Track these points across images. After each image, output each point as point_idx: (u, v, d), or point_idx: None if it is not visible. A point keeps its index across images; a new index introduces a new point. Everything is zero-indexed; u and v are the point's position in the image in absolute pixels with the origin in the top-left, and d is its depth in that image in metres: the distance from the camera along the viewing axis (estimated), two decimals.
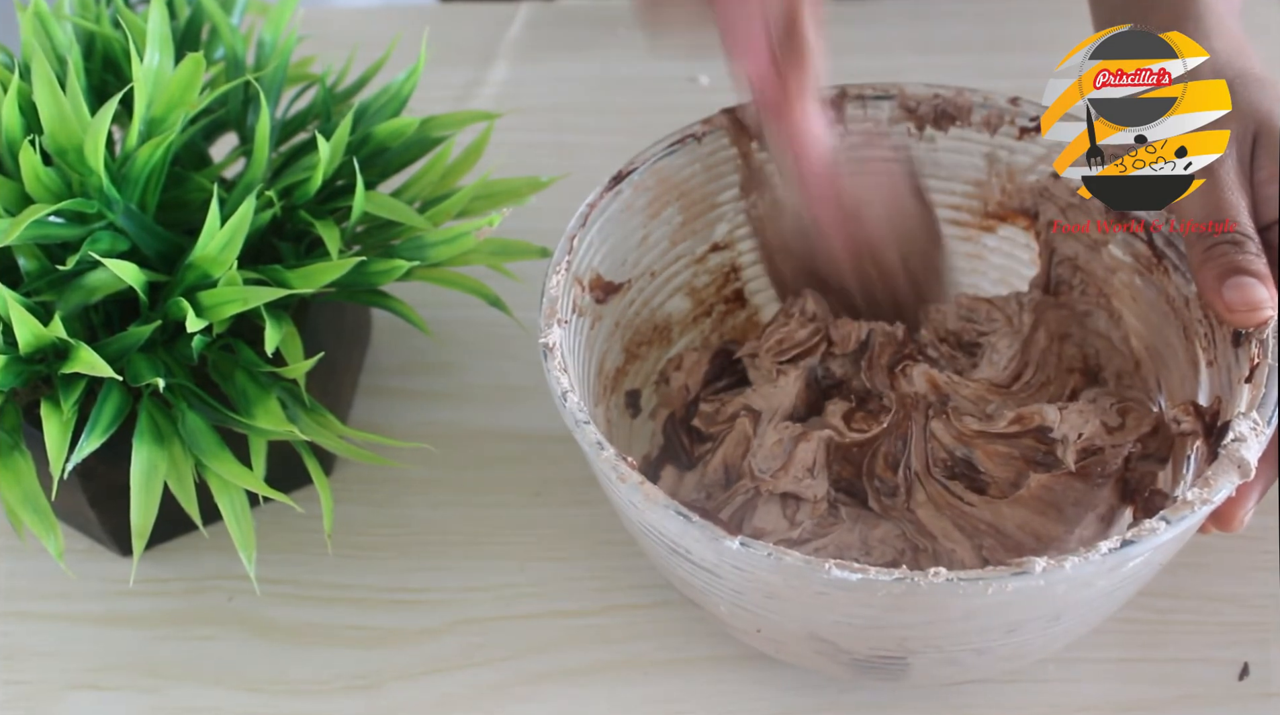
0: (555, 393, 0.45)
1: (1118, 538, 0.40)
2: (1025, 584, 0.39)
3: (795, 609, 0.44)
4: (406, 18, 0.89)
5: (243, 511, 0.49)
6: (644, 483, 0.42)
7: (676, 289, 0.57)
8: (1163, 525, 0.40)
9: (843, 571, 0.39)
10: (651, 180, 0.53)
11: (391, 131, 0.56)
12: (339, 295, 0.54)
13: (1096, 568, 0.40)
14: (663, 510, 0.42)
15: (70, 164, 0.49)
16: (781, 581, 0.41)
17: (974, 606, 0.41)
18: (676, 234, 0.56)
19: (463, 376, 0.63)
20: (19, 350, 0.47)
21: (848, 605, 0.42)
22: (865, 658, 0.45)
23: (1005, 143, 0.55)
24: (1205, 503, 0.41)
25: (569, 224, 0.51)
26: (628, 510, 0.45)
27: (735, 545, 0.40)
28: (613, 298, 0.53)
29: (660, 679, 0.51)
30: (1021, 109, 0.54)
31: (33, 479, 0.48)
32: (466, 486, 0.58)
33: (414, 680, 0.52)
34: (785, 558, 0.40)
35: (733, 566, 0.42)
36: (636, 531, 0.47)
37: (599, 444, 0.44)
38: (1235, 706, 0.49)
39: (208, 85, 0.58)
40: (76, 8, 0.57)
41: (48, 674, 0.52)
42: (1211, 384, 0.49)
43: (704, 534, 0.41)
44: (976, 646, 0.45)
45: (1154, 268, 0.51)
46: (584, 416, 0.44)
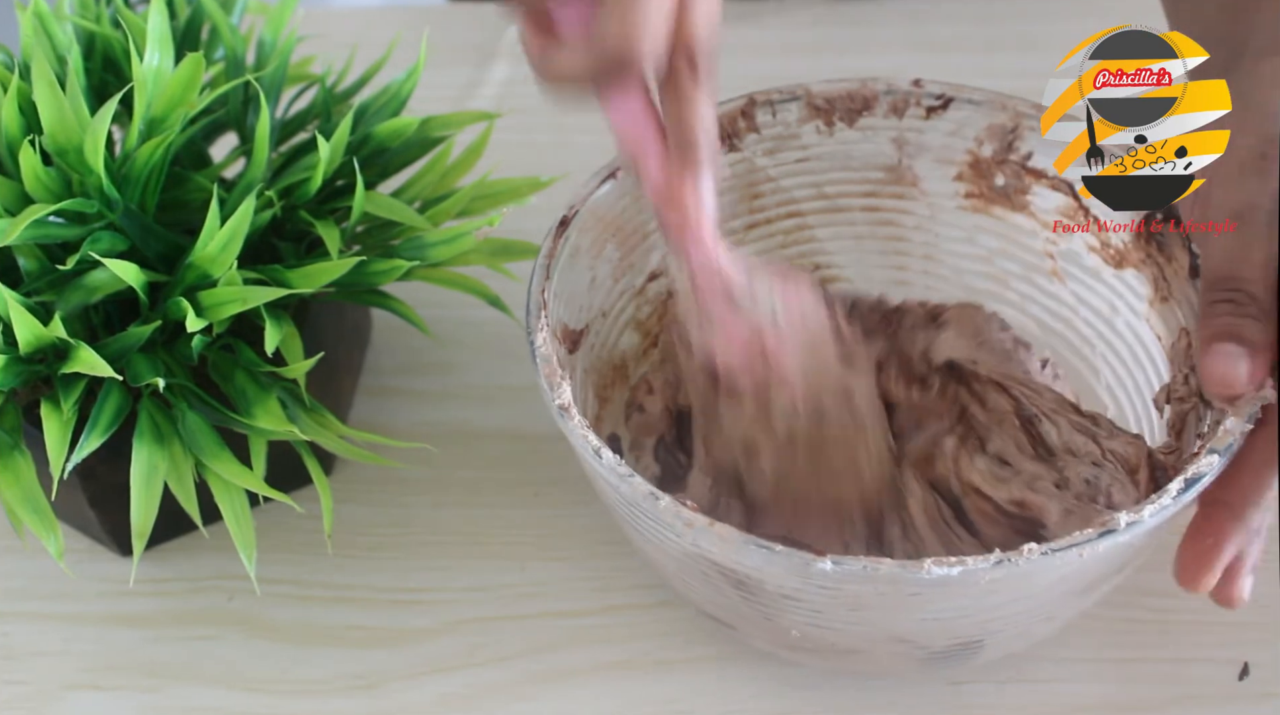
0: (586, 452, 0.43)
1: (1181, 478, 0.41)
2: (1113, 541, 0.40)
3: (880, 615, 0.43)
4: (406, 18, 0.89)
5: (243, 511, 0.49)
6: (713, 523, 0.41)
7: (625, 325, 0.56)
8: (1214, 457, 0.41)
9: (941, 568, 0.39)
10: (591, 220, 0.52)
11: (391, 131, 0.56)
12: (339, 295, 0.54)
13: (1169, 512, 0.41)
14: (742, 546, 0.40)
15: (70, 164, 0.49)
16: (873, 591, 0.40)
17: (1064, 573, 0.41)
18: (617, 270, 0.55)
19: (463, 376, 0.63)
20: (19, 350, 0.47)
21: (940, 599, 0.41)
22: (944, 649, 0.45)
23: (914, 124, 0.55)
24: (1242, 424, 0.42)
25: (533, 281, 0.49)
26: (682, 556, 0.43)
27: (828, 566, 0.39)
28: (579, 346, 0.53)
29: (660, 679, 0.51)
30: (925, 89, 0.54)
31: (33, 479, 0.48)
32: (466, 486, 0.58)
33: (414, 680, 0.52)
34: (880, 567, 0.39)
35: (819, 588, 0.41)
36: (681, 572, 0.45)
37: (653, 495, 0.41)
38: (1235, 706, 0.49)
39: (208, 85, 0.58)
40: (76, 8, 0.57)
41: (48, 674, 0.52)
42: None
43: (790, 562, 0.40)
44: (1049, 614, 0.45)
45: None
46: (626, 471, 0.42)
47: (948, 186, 0.57)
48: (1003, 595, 0.42)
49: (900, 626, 0.44)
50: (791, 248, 0.59)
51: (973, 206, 0.57)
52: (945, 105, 0.54)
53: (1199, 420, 0.47)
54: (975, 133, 0.55)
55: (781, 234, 0.58)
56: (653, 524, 0.43)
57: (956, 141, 0.55)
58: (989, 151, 0.55)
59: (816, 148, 0.56)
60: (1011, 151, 0.54)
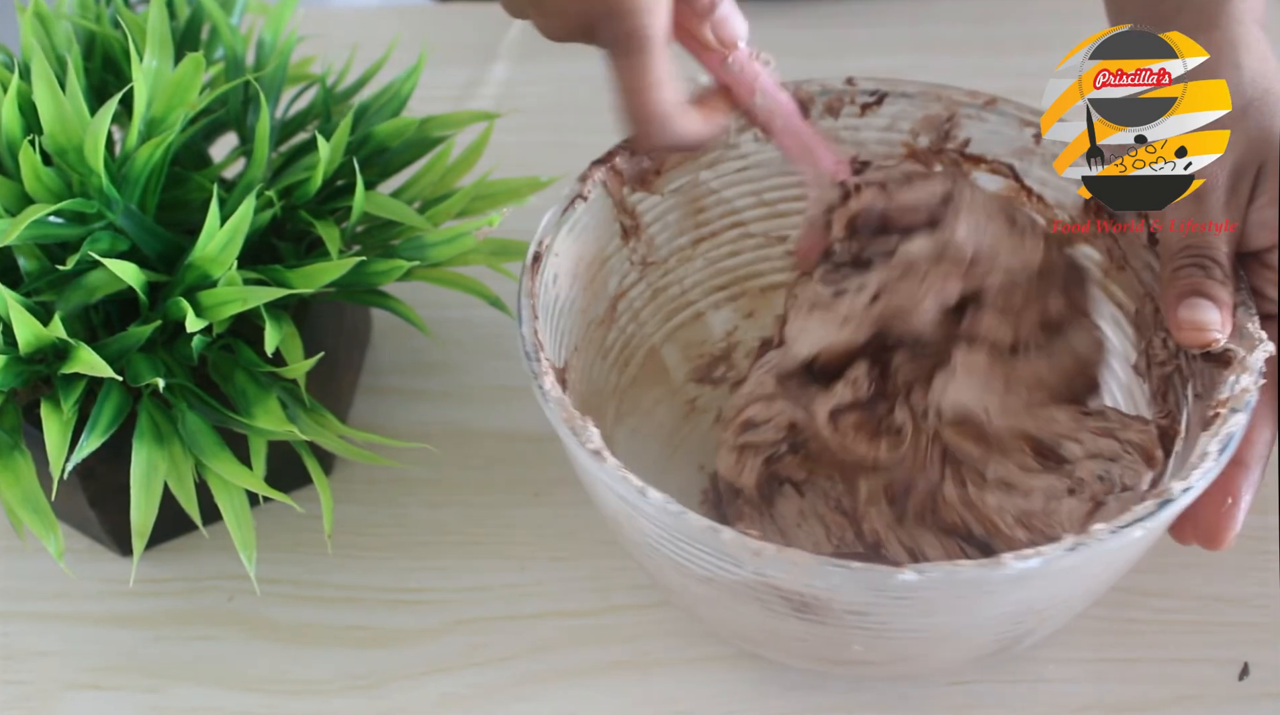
0: (629, 495, 0.41)
1: (1215, 440, 0.41)
2: (1172, 510, 0.40)
3: (949, 618, 0.42)
4: (406, 18, 0.89)
5: (243, 511, 0.49)
6: (782, 549, 0.39)
7: (595, 356, 0.55)
8: (1239, 416, 0.42)
9: (1021, 562, 0.38)
10: (555, 252, 0.51)
11: (391, 131, 0.56)
12: (339, 295, 0.54)
13: (1214, 473, 0.41)
14: (818, 568, 0.39)
15: (70, 164, 0.49)
16: (951, 595, 0.40)
17: (1129, 552, 0.41)
18: (581, 300, 0.53)
19: (463, 376, 0.63)
20: (19, 350, 0.47)
21: (1012, 592, 0.41)
22: (999, 641, 0.45)
23: (849, 122, 0.55)
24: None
25: (522, 323, 0.47)
26: (737, 586, 0.42)
27: (912, 577, 0.38)
28: (566, 384, 0.51)
29: (660, 679, 0.51)
30: (859, 87, 0.55)
31: (33, 479, 0.48)
32: (466, 486, 0.58)
33: (414, 680, 0.52)
34: (959, 571, 0.39)
35: (893, 599, 0.40)
36: (728, 603, 0.44)
37: (713, 529, 0.40)
38: (1235, 706, 0.49)
39: (208, 85, 0.58)
40: (76, 8, 0.57)
41: (48, 674, 0.52)
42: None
43: (869, 577, 0.39)
44: (1096, 594, 0.45)
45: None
46: (677, 508, 0.41)
47: None
48: (1065, 582, 0.42)
49: (966, 625, 0.43)
50: (737, 256, 0.59)
51: None
52: (879, 101, 0.55)
53: (1183, 382, 0.48)
54: (910, 125, 0.55)
55: (728, 244, 0.58)
56: (711, 557, 0.41)
57: (892, 135, 0.55)
58: (925, 142, 0.55)
59: (755, 155, 0.56)
60: (949, 140, 0.54)
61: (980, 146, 0.54)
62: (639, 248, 0.56)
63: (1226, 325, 0.45)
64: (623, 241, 0.55)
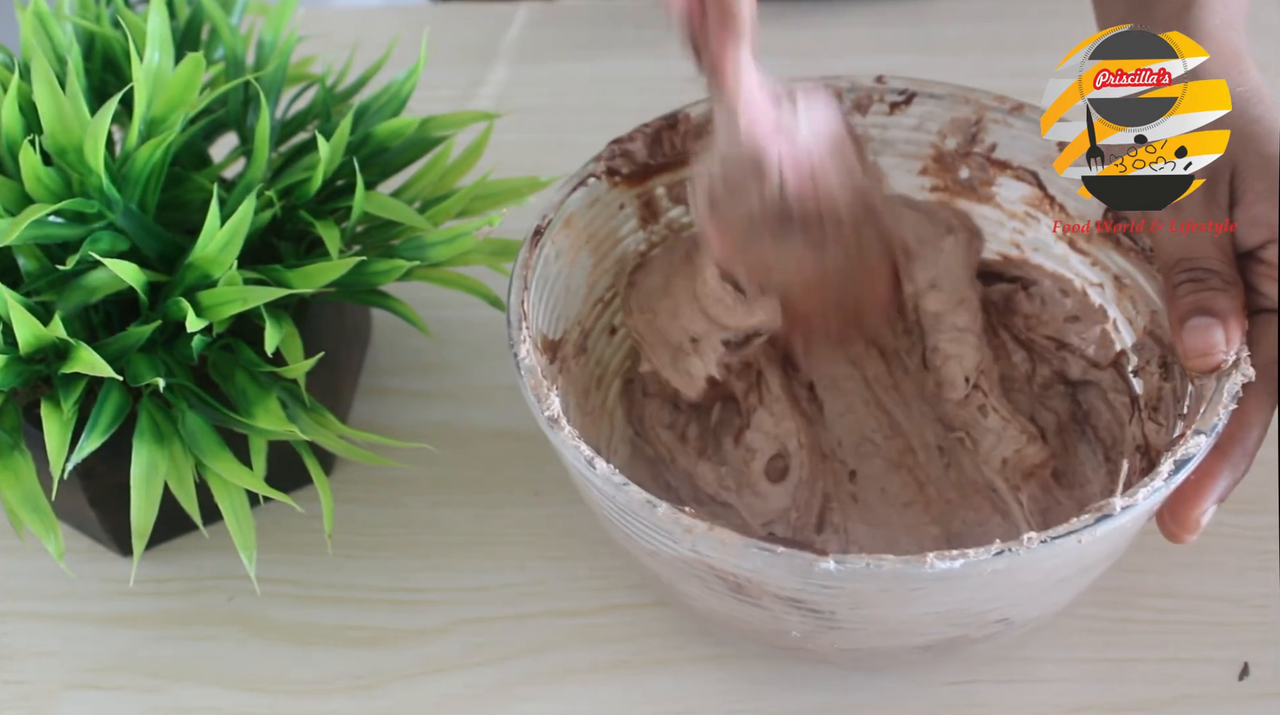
0: (578, 464, 0.43)
1: (1170, 460, 0.41)
2: (1110, 526, 0.40)
3: (880, 611, 0.43)
4: (406, 18, 0.89)
5: (243, 511, 0.49)
6: (712, 527, 0.40)
7: (602, 332, 0.56)
8: (1201, 438, 0.42)
9: (944, 562, 0.39)
10: (563, 228, 0.52)
11: (391, 131, 0.56)
12: (339, 295, 0.54)
13: (1162, 494, 0.41)
14: (742, 550, 0.40)
15: (70, 164, 0.49)
16: (876, 588, 0.41)
17: (1064, 560, 0.41)
18: (591, 277, 0.55)
19: (463, 376, 0.63)
20: (19, 350, 0.47)
21: (941, 593, 0.41)
22: (940, 641, 0.45)
23: (878, 120, 0.55)
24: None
25: (511, 291, 0.49)
26: (678, 561, 0.43)
27: (831, 566, 0.39)
28: (557, 356, 0.52)
29: (660, 679, 0.51)
30: (889, 85, 0.55)
31: (33, 479, 0.48)
32: (466, 486, 0.58)
33: (414, 680, 0.52)
34: (883, 564, 0.39)
35: (820, 587, 0.41)
36: (676, 578, 0.45)
37: (650, 502, 0.41)
38: (1235, 706, 0.49)
39: (208, 85, 0.58)
40: (76, 8, 0.57)
41: (48, 674, 0.52)
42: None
43: (792, 563, 0.40)
44: (1043, 602, 0.46)
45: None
46: (621, 479, 0.42)
47: (913, 181, 0.57)
48: (1001, 586, 0.42)
49: (901, 621, 0.44)
50: None
51: (938, 200, 0.57)
52: (908, 100, 0.55)
53: (1176, 401, 0.48)
54: (939, 127, 0.55)
55: None
56: (650, 531, 0.43)
57: (920, 136, 0.56)
58: (953, 144, 0.55)
59: None
60: (975, 144, 0.54)
61: (1005, 152, 0.54)
62: (657, 229, 0.56)
63: (1233, 338, 0.44)
64: (640, 226, 0.56)
